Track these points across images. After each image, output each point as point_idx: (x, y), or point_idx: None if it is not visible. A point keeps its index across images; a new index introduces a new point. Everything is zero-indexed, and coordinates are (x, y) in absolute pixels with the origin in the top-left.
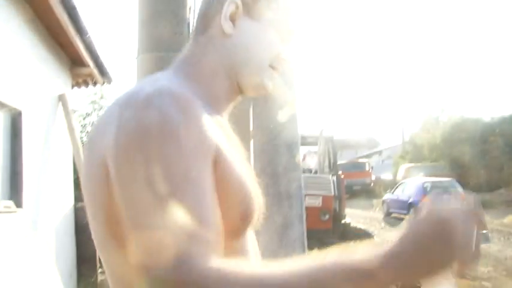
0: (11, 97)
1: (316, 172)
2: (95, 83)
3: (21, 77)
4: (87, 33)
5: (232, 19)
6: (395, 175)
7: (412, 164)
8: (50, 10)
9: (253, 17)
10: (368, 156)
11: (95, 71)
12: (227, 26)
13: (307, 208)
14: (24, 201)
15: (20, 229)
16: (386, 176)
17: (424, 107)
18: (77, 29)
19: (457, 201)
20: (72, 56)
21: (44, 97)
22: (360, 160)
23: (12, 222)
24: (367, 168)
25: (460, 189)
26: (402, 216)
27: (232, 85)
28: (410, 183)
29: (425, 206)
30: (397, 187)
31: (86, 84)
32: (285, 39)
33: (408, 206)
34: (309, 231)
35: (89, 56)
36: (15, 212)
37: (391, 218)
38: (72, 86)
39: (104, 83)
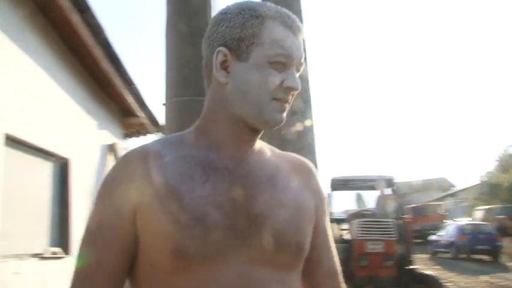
0: (59, 147)
1: (376, 216)
2: (147, 132)
3: (70, 128)
4: (133, 84)
5: (224, 67)
6: (471, 217)
7: (491, 206)
8: (96, 64)
9: (241, 59)
10: (442, 198)
11: (146, 121)
12: (220, 75)
13: (369, 254)
14: (72, 247)
15: (67, 275)
16: (463, 218)
17: (499, 144)
18: (123, 80)
19: None
20: (122, 106)
21: (93, 146)
22: (433, 203)
23: (60, 268)
24: (440, 211)
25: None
26: (445, 255)
27: (238, 128)
28: (452, 224)
29: None
30: (439, 229)
31: (138, 133)
32: (285, 64)
33: (449, 246)
34: (372, 277)
35: (139, 106)
36: (62, 258)
37: (437, 258)
38: (125, 136)
39: (155, 131)
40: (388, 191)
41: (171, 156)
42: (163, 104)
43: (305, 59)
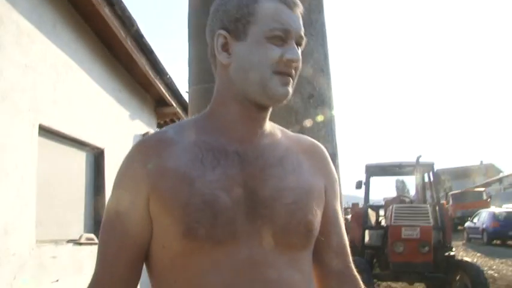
0: (94, 137)
1: (412, 202)
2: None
3: (104, 118)
4: (166, 74)
5: (226, 49)
6: None
7: None
8: (128, 55)
9: (240, 39)
10: (487, 184)
11: (179, 110)
12: (222, 57)
13: (404, 240)
14: None
15: None
16: (509, 205)
17: None
18: (156, 71)
19: None
20: (155, 96)
21: (127, 136)
22: (476, 189)
23: (94, 253)
24: (484, 197)
25: None
26: (478, 241)
27: (244, 107)
28: (485, 212)
29: None
30: (475, 216)
31: (172, 122)
32: (284, 38)
33: (481, 232)
34: (408, 264)
35: (171, 95)
36: (97, 243)
37: (471, 243)
38: (158, 125)
39: None
40: (426, 177)
41: (183, 142)
42: (187, 92)
43: (305, 34)
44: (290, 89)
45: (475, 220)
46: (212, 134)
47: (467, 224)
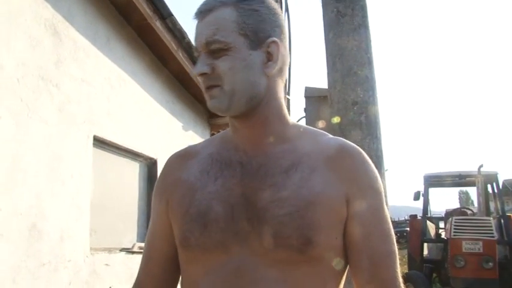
0: (147, 148)
1: (474, 214)
2: None
3: (158, 130)
4: None
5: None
6: None
7: None
8: (181, 68)
9: None
10: None
11: None
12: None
13: (465, 254)
14: None
15: None
16: None
17: None
18: None
19: None
20: (208, 108)
21: (179, 147)
22: None
23: None
24: None
25: None
26: None
27: (230, 118)
28: None
29: None
30: None
31: None
32: (201, 53)
33: None
34: (470, 280)
35: None
36: None
37: None
38: (211, 135)
39: None
40: (490, 188)
41: (203, 154)
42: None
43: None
44: (216, 101)
45: None
46: (226, 146)
47: None
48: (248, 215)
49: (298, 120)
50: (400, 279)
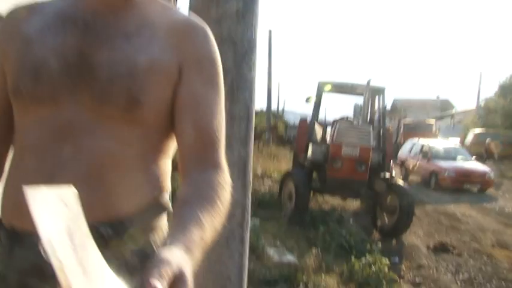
0: None
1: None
2: None
3: None
4: None
5: None
6: (463, 140)
7: (483, 130)
8: None
9: None
10: (440, 118)
11: None
12: None
13: (343, 157)
14: None
15: None
16: (454, 140)
17: (502, 71)
18: None
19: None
20: None
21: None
22: (427, 121)
23: None
24: (433, 130)
25: (469, 158)
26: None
27: None
28: (409, 144)
29: None
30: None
31: None
32: None
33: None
34: (344, 180)
35: None
36: None
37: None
38: None
39: None
40: (374, 99)
41: (48, 10)
42: None
43: None
44: None
45: (401, 150)
46: (74, 4)
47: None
48: (82, 72)
49: None
50: (223, 157)
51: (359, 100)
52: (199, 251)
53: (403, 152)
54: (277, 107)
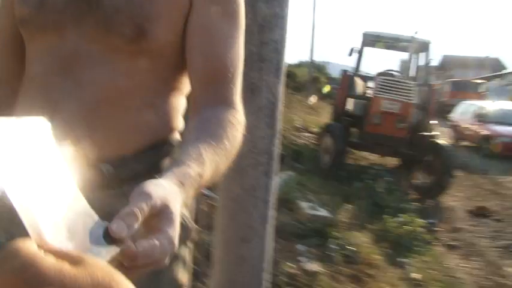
0: None
1: (400, 77)
2: None
3: None
4: None
5: None
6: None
7: None
8: None
9: None
10: (489, 78)
11: None
12: None
13: (383, 112)
14: None
15: None
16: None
17: None
18: None
19: None
20: None
21: None
22: (474, 80)
23: None
24: (479, 90)
25: None
26: None
27: None
28: (463, 106)
29: None
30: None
31: None
32: None
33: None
34: (383, 136)
35: None
36: None
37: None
38: None
39: None
40: (422, 56)
41: None
42: None
43: None
44: None
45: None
46: None
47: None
48: (89, 1)
49: None
50: (237, 95)
51: (406, 56)
52: (195, 187)
53: (455, 115)
54: (320, 60)
